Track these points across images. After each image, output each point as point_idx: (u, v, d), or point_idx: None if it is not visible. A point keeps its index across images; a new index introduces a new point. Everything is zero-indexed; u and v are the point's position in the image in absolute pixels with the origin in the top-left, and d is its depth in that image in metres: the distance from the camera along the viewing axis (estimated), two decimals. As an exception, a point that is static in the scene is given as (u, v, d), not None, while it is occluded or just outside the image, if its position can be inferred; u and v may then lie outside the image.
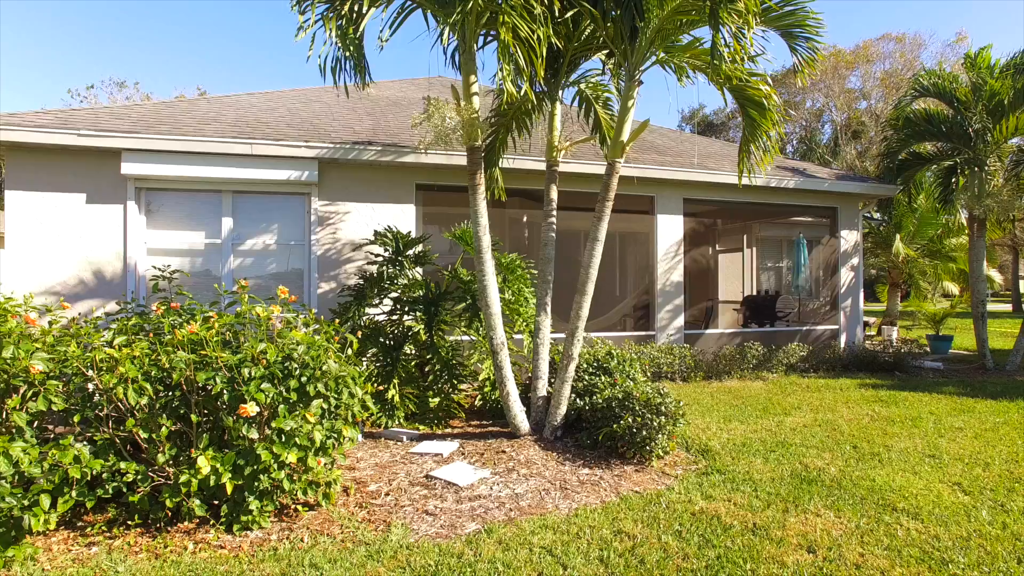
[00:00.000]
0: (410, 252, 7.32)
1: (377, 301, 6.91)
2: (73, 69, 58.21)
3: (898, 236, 13.82)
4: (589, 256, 5.40)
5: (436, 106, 4.86)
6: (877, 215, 15.26)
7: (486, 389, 6.49)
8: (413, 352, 6.68)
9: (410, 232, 7.05)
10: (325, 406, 4.02)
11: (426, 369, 6.55)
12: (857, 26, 56.70)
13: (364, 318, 6.94)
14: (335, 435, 3.97)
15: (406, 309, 6.61)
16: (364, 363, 6.62)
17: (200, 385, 3.71)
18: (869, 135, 25.18)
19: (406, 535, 3.70)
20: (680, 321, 9.62)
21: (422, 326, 6.34)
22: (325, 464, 3.97)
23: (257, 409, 3.55)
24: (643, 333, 9.58)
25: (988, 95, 9.10)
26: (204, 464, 3.53)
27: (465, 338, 7.18)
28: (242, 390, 3.62)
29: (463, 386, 7.17)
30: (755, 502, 4.16)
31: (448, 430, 6.08)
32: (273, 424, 3.68)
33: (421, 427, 6.12)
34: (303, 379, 3.84)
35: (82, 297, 7.17)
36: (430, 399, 6.35)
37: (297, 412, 3.80)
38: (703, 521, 3.85)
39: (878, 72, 26.33)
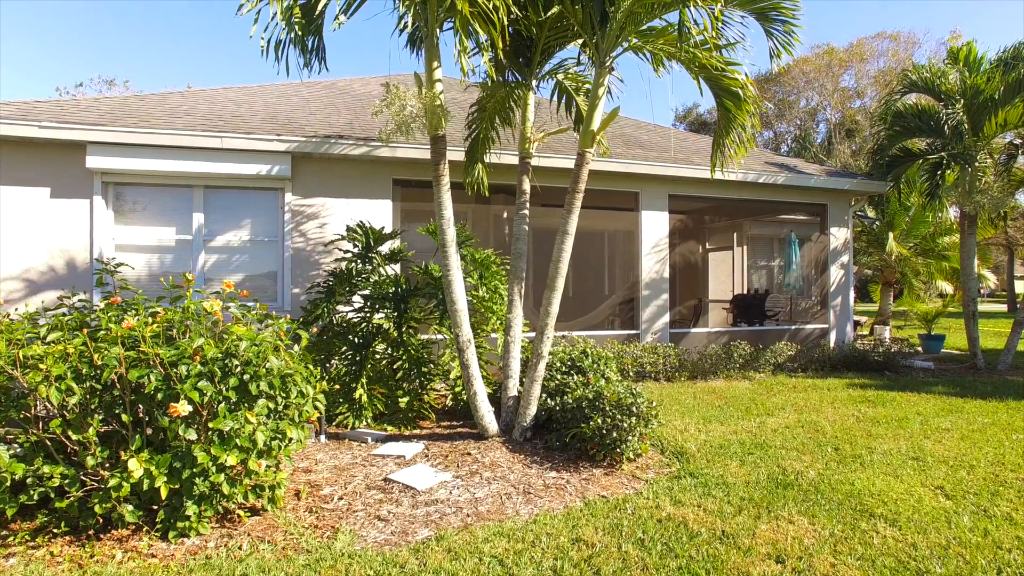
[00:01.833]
0: (384, 249, 7.12)
1: (348, 298, 6.70)
2: (66, 68, 58.02)
3: (891, 235, 13.62)
4: (559, 250, 5.20)
5: (395, 93, 4.66)
6: (871, 214, 15.07)
7: (457, 389, 6.28)
8: (385, 351, 6.47)
9: (384, 228, 6.83)
10: (272, 406, 3.81)
11: (395, 367, 6.34)
12: (852, 24, 56.63)
13: (337, 316, 6.75)
14: (280, 436, 3.76)
15: (376, 306, 6.40)
16: (335, 361, 6.41)
17: (133, 384, 3.50)
18: (864, 134, 25.01)
19: (352, 542, 3.49)
20: (665, 320, 9.41)
21: (392, 324, 6.13)
22: (269, 467, 3.76)
23: (190, 408, 3.33)
24: (627, 332, 9.37)
25: (972, 91, 8.92)
26: (136, 467, 3.31)
27: (439, 336, 6.97)
28: (177, 388, 3.41)
29: (438, 385, 6.96)
30: (726, 508, 3.96)
31: (416, 431, 5.87)
32: (210, 424, 3.47)
33: (389, 428, 5.91)
34: (245, 377, 3.63)
35: (46, 296, 6.95)
36: (400, 399, 6.14)
37: (239, 412, 3.59)
38: (669, 528, 3.64)
39: (872, 71, 26.17)
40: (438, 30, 4.78)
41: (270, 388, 3.68)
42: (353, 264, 6.49)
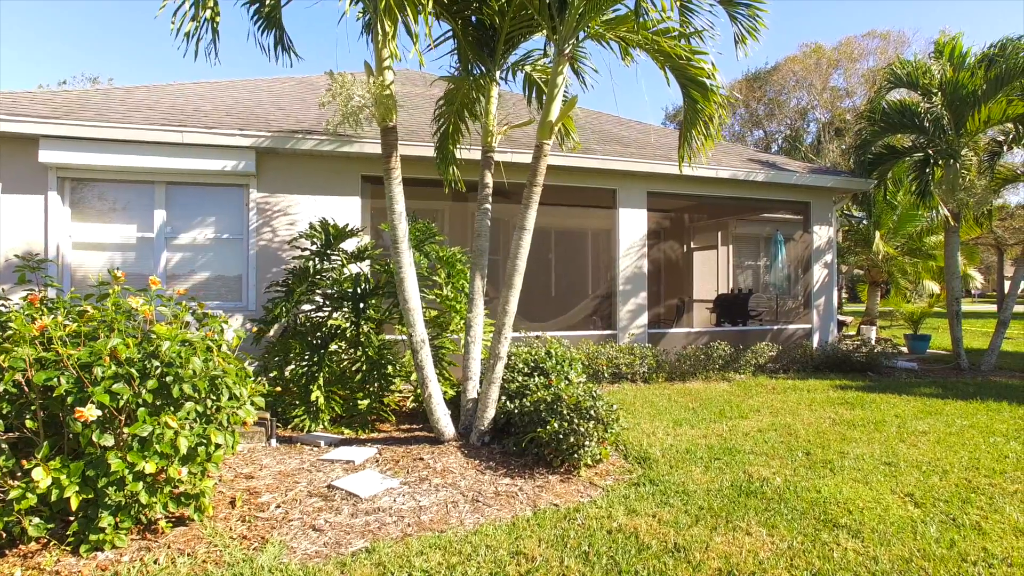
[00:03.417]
0: (349, 247, 6.91)
1: (309, 298, 6.47)
2: (58, 67, 57.53)
3: (878, 234, 13.46)
4: (516, 247, 4.98)
5: (341, 83, 4.43)
6: (857, 213, 14.91)
7: (419, 391, 6.06)
8: (345, 352, 6.24)
9: (348, 224, 6.59)
10: (200, 409, 3.59)
11: (354, 369, 6.11)
12: (844, 24, 56.70)
13: (301, 315, 6.53)
14: (206, 441, 3.53)
15: (336, 306, 6.18)
16: (294, 363, 6.18)
17: (41, 387, 3.27)
18: (853, 133, 24.89)
19: (279, 555, 3.27)
20: (643, 320, 9.21)
21: (350, 324, 5.91)
22: (194, 474, 3.53)
23: (99, 413, 3.10)
24: (604, 332, 9.16)
25: (954, 85, 8.74)
26: (41, 476, 3.08)
27: (403, 337, 6.75)
28: (88, 391, 3.18)
29: (403, 387, 6.74)
30: (682, 518, 3.74)
31: (374, 435, 5.64)
32: (126, 430, 3.24)
33: (347, 431, 5.69)
34: (168, 379, 3.40)
35: (-5, 293, 6.71)
36: (359, 401, 5.91)
37: (160, 416, 3.37)
38: (618, 540, 3.42)
39: (862, 70, 26.06)
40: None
41: (194, 391, 3.45)
42: (311, 262, 6.26)
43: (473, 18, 5.66)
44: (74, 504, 3.16)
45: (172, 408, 3.48)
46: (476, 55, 5.83)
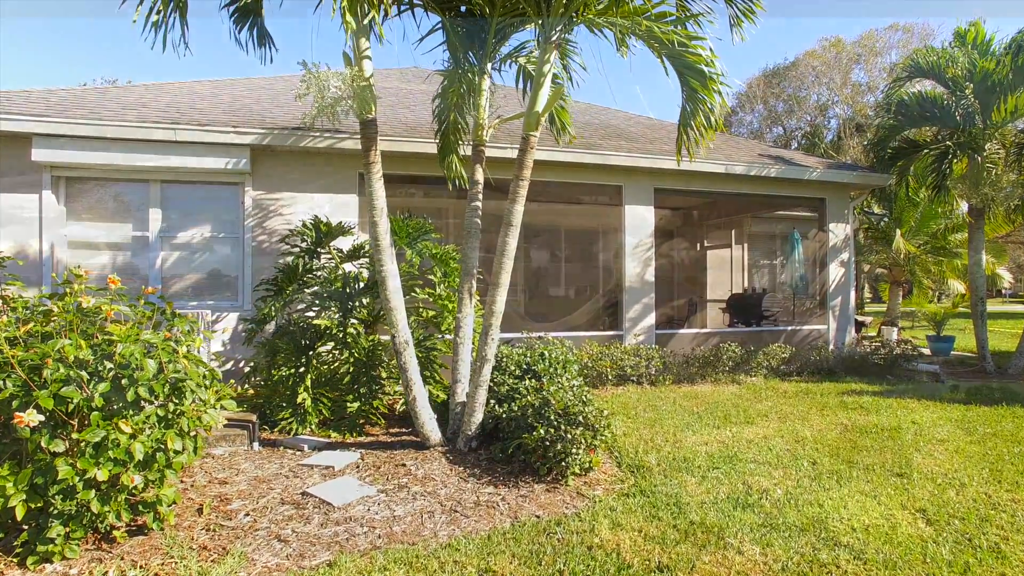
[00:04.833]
0: (344, 246, 6.75)
1: (299, 297, 6.32)
2: (85, 70, 58.66)
3: (899, 231, 12.94)
4: (503, 243, 4.75)
5: (315, 75, 4.25)
6: (878, 210, 14.40)
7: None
8: (333, 353, 6.08)
9: (340, 222, 6.43)
10: (161, 413, 3.43)
11: (342, 371, 5.94)
12: (866, 17, 55.38)
13: (295, 314, 6.39)
14: (164, 447, 3.37)
15: (324, 305, 6.01)
16: (282, 365, 6.02)
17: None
18: (874, 127, 24.18)
19: (236, 568, 3.09)
20: (650, 320, 8.91)
21: (336, 324, 5.74)
22: (152, 481, 3.37)
23: (41, 418, 2.95)
24: (610, 333, 8.88)
25: (981, 75, 8.28)
26: (-16, 484, 2.94)
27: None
28: (34, 395, 3.03)
29: (397, 388, 6.55)
30: (671, 533, 3.49)
31: (361, 438, 5.46)
32: (74, 435, 3.09)
33: (334, 435, 5.52)
34: (123, 382, 3.24)
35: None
36: (348, 403, 5.74)
37: (116, 420, 3.21)
38: (597, 558, 3.18)
39: (885, 64, 25.31)
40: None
41: (151, 394, 3.29)
42: (300, 260, 6.10)
43: (462, 8, 5.45)
44: (20, 513, 3.02)
45: (132, 412, 3.32)
46: (466, 48, 5.62)
